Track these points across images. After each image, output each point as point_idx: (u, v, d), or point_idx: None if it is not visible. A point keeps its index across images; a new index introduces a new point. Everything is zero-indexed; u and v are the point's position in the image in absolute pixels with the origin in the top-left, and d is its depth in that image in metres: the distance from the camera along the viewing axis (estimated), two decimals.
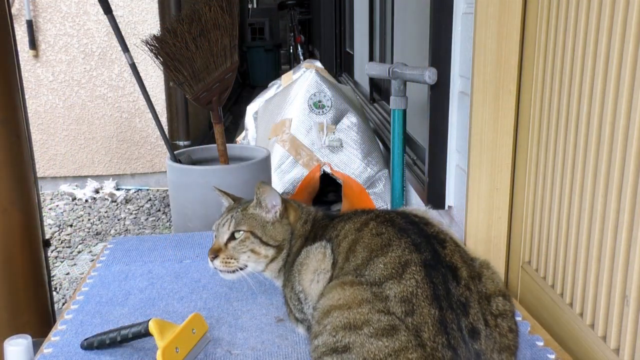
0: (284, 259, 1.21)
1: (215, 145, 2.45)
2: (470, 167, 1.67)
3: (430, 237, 1.01)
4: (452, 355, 0.86)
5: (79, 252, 3.23)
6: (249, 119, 4.08)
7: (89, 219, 3.69)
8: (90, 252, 3.22)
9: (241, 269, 1.19)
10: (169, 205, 3.54)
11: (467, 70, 1.71)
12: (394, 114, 2.12)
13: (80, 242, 3.35)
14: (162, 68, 2.33)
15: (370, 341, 0.86)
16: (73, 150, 4.19)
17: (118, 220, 3.67)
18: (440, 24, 1.87)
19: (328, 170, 2.93)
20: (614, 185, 1.16)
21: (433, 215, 1.92)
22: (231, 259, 1.17)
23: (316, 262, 1.09)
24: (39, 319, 1.83)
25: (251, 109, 4.08)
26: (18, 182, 1.75)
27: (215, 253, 1.18)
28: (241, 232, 1.17)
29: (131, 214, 3.77)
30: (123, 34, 2.50)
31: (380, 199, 2.88)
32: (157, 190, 4.23)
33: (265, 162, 2.41)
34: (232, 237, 1.18)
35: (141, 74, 2.53)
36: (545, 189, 1.47)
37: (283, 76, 4.14)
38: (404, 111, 2.11)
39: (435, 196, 1.96)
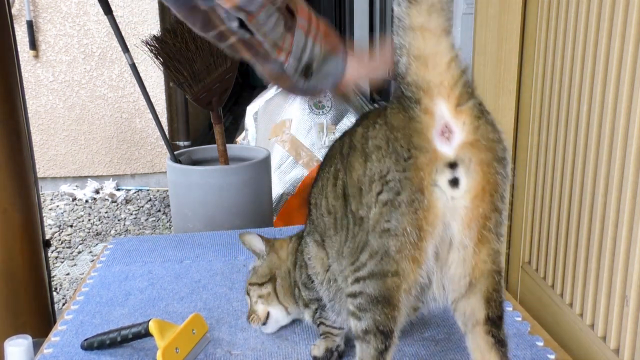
0: (283, 277, 1.22)
1: (215, 145, 2.46)
2: None
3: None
4: None
5: (79, 252, 3.23)
6: (249, 120, 4.07)
7: (89, 220, 3.69)
8: (91, 252, 3.22)
9: (267, 318, 1.23)
10: (169, 205, 3.54)
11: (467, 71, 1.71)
12: None
13: (81, 242, 3.35)
14: (162, 68, 2.33)
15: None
16: (73, 150, 4.20)
17: (118, 220, 3.67)
18: None
19: None
20: (614, 185, 1.16)
21: None
22: (252, 314, 1.23)
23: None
24: (39, 319, 1.83)
25: (251, 109, 4.08)
26: (18, 183, 1.75)
27: (248, 317, 1.25)
28: (247, 291, 1.25)
29: (131, 214, 3.77)
30: (123, 34, 2.50)
31: None
32: (158, 190, 4.23)
33: (265, 162, 2.41)
34: (248, 297, 1.25)
35: (141, 75, 2.53)
36: (545, 189, 1.47)
37: None
38: None
39: None
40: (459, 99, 0.84)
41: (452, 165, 0.83)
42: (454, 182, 0.83)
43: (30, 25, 3.94)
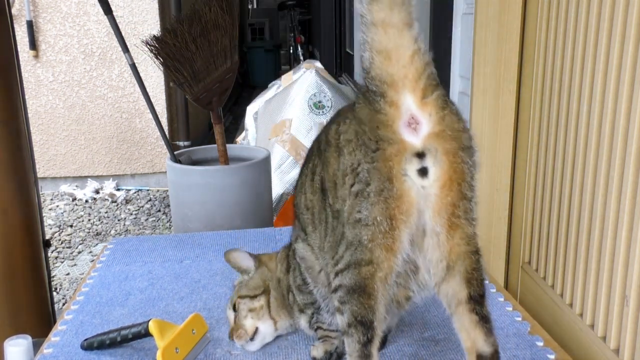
0: (275, 288, 1.21)
1: (215, 145, 2.46)
2: None
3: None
4: None
5: (79, 252, 3.23)
6: (249, 120, 4.08)
7: (89, 220, 3.69)
8: (91, 252, 3.22)
9: (255, 333, 1.18)
10: (169, 205, 3.54)
11: (467, 71, 1.71)
12: None
13: (81, 242, 3.35)
14: (162, 68, 2.33)
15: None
16: (73, 150, 4.20)
17: (118, 220, 3.67)
18: (440, 24, 1.87)
19: None
20: (614, 185, 1.16)
21: None
22: (239, 330, 1.18)
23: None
24: (39, 319, 1.83)
25: (251, 109, 4.08)
26: (18, 183, 1.75)
27: (230, 334, 1.20)
28: (235, 305, 1.20)
29: (131, 214, 3.77)
30: (123, 34, 2.50)
31: None
32: (157, 190, 4.23)
33: (265, 162, 2.41)
34: (234, 312, 1.20)
35: (141, 75, 2.53)
36: (545, 189, 1.47)
37: (283, 76, 4.14)
38: None
39: None
40: (424, 91, 0.86)
41: (420, 155, 0.86)
42: (423, 172, 0.86)
43: (30, 25, 3.94)
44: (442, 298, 0.96)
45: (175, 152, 2.45)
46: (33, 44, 3.98)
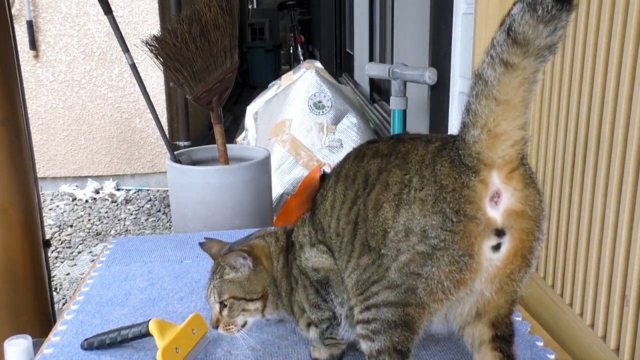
0: (275, 294, 1.15)
1: (215, 145, 2.46)
2: None
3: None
4: None
5: (79, 252, 3.23)
6: (249, 120, 4.08)
7: (89, 220, 3.69)
8: (91, 252, 3.22)
9: (243, 326, 1.15)
10: (169, 205, 3.54)
11: (467, 71, 1.71)
12: (394, 114, 2.12)
13: (81, 242, 3.35)
14: (162, 68, 2.33)
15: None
16: (73, 150, 4.20)
17: (118, 220, 3.67)
18: (440, 24, 1.87)
19: (328, 170, 2.93)
20: (613, 185, 1.16)
21: None
22: (229, 325, 1.14)
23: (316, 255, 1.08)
24: (39, 319, 1.83)
25: (251, 109, 4.08)
26: (18, 183, 1.75)
27: (215, 324, 1.14)
28: (226, 301, 1.14)
29: (131, 214, 3.77)
30: (123, 34, 2.50)
31: None
32: (157, 190, 4.23)
33: (265, 162, 2.41)
34: (222, 306, 1.14)
35: (141, 75, 2.53)
36: (545, 189, 1.47)
37: (283, 76, 4.14)
38: (404, 111, 2.11)
39: None
40: (513, 168, 0.84)
41: (499, 233, 0.84)
42: (497, 247, 0.85)
43: (30, 25, 3.94)
44: (465, 338, 0.97)
45: (175, 152, 2.45)
46: (33, 44, 3.98)
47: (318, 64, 3.97)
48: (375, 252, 0.90)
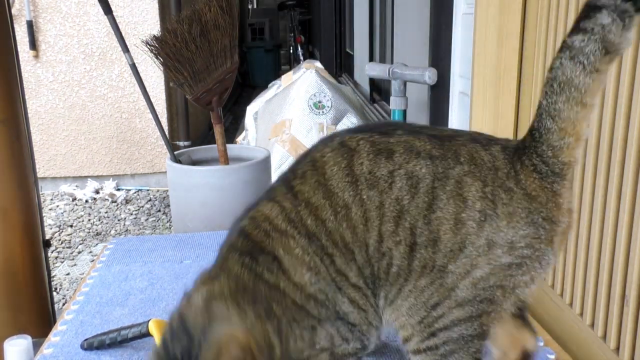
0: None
1: (215, 145, 2.46)
2: None
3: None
4: None
5: (79, 252, 3.23)
6: (249, 120, 4.08)
7: (89, 220, 3.69)
8: (91, 252, 3.22)
9: None
10: (169, 205, 3.54)
11: (467, 71, 1.71)
12: (394, 115, 2.12)
13: (81, 242, 3.35)
14: (162, 68, 2.33)
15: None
16: (73, 150, 4.20)
17: (118, 220, 3.67)
18: (440, 24, 1.87)
19: None
20: (613, 185, 1.16)
21: None
22: None
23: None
24: (39, 319, 1.83)
25: (251, 109, 4.08)
26: (18, 183, 1.75)
27: None
28: None
29: (131, 214, 3.77)
30: (123, 34, 2.50)
31: None
32: (157, 190, 4.23)
33: (265, 162, 2.41)
34: None
35: (141, 75, 2.53)
36: None
37: (283, 76, 4.14)
38: (404, 111, 2.11)
39: None
40: None
41: None
42: None
43: (30, 25, 3.94)
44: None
45: (175, 152, 2.45)
46: (33, 44, 3.98)
47: (318, 64, 3.97)
48: (440, 271, 0.82)
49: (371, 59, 4.79)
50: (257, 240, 0.88)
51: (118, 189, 4.21)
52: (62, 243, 3.34)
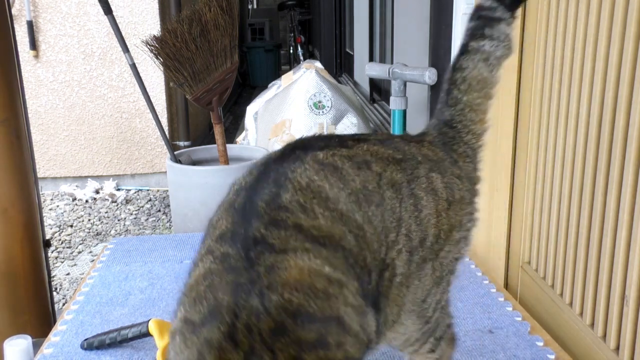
0: None
1: (215, 145, 2.46)
2: None
3: None
4: None
5: (79, 252, 3.23)
6: (249, 120, 4.08)
7: (89, 220, 3.69)
8: (91, 252, 3.22)
9: None
10: (169, 205, 3.54)
11: None
12: (394, 115, 2.12)
13: (81, 242, 3.35)
14: (162, 68, 2.33)
15: None
16: (73, 150, 4.20)
17: (118, 220, 3.67)
18: (440, 24, 1.87)
19: None
20: (613, 185, 1.16)
21: None
22: None
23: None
24: (39, 319, 1.83)
25: (251, 109, 4.08)
26: (18, 183, 1.75)
27: None
28: None
29: (131, 214, 3.77)
30: (123, 34, 2.50)
31: None
32: (158, 190, 4.23)
33: None
34: None
35: (141, 75, 2.53)
36: (545, 189, 1.47)
37: (283, 76, 4.14)
38: (404, 111, 2.11)
39: None
40: None
41: None
42: None
43: (30, 25, 3.94)
44: None
45: (175, 152, 2.45)
46: (33, 44, 3.98)
47: (318, 64, 3.96)
48: (426, 264, 0.86)
49: (371, 59, 4.79)
50: None
51: (118, 189, 4.21)
52: (62, 243, 3.34)
